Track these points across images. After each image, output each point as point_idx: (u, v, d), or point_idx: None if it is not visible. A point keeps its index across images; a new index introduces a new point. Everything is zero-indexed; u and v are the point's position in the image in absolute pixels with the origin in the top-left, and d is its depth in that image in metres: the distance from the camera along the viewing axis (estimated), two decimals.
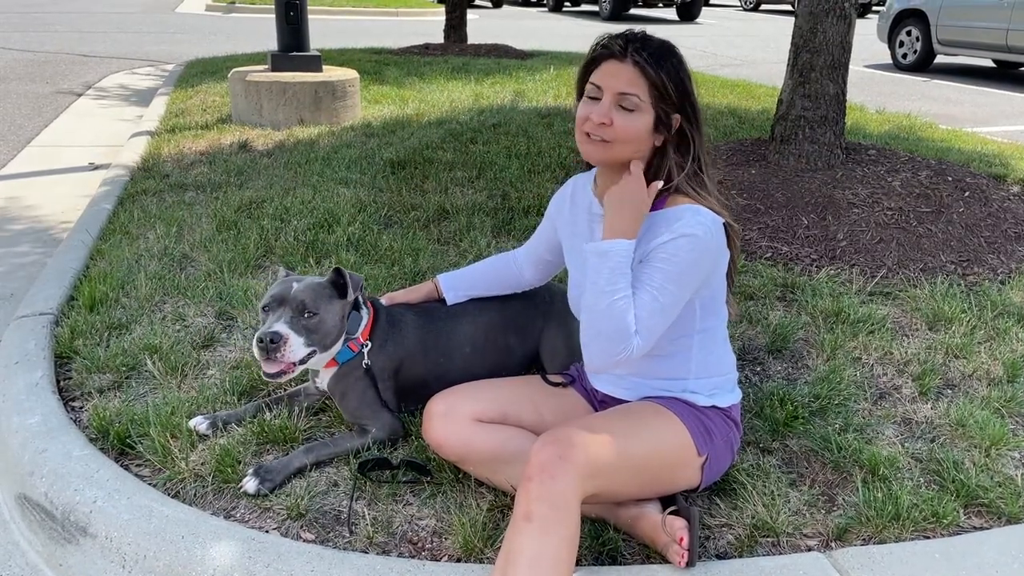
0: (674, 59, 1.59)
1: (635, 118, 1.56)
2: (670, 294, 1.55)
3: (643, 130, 1.57)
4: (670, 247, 1.54)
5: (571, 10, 20.12)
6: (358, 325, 1.99)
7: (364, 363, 1.97)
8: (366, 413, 1.97)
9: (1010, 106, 8.07)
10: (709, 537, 1.71)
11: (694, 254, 1.55)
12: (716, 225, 1.59)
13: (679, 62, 1.59)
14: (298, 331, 1.83)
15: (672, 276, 1.55)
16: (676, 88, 1.57)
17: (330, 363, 1.98)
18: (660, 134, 1.60)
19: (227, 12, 16.60)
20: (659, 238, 1.56)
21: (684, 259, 1.54)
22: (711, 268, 1.61)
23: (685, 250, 1.54)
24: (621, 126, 1.56)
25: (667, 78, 1.55)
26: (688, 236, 1.54)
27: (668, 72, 1.56)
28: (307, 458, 1.87)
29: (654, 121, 1.57)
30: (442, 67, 7.93)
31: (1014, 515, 1.80)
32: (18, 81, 7.81)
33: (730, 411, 1.73)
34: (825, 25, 3.66)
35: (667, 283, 1.55)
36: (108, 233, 3.36)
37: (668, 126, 1.59)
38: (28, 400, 2.09)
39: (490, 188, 3.96)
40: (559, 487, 1.39)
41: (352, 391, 1.98)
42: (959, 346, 2.50)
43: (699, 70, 9.06)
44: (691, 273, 1.56)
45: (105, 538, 1.67)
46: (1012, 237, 3.31)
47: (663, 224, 1.58)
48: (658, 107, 1.56)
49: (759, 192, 3.52)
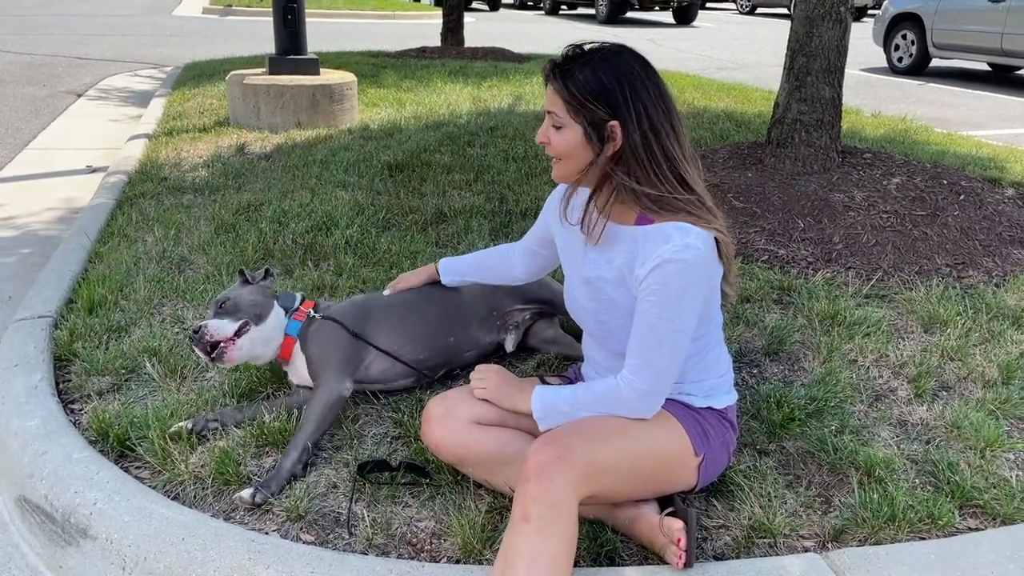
0: (604, 66, 1.52)
1: (564, 133, 1.56)
2: (668, 325, 1.52)
3: (573, 143, 1.55)
4: (658, 276, 1.51)
5: (568, 14, 20.17)
6: (294, 301, 2.19)
7: (315, 315, 2.15)
8: (322, 366, 2.06)
9: (1005, 109, 8.11)
10: (706, 538, 1.72)
11: (684, 280, 1.51)
12: (706, 242, 1.54)
13: (609, 66, 1.52)
14: (218, 317, 2.05)
15: (666, 307, 1.52)
16: (597, 96, 1.51)
17: (287, 341, 2.11)
18: (596, 143, 1.54)
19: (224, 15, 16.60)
20: (646, 263, 1.53)
21: (676, 286, 1.51)
22: (708, 285, 1.58)
23: (674, 277, 1.51)
24: (555, 143, 1.58)
25: (580, 89, 1.51)
26: (675, 262, 1.50)
27: (583, 83, 1.51)
28: (294, 458, 1.88)
29: (583, 133, 1.54)
30: (439, 70, 7.94)
31: (1009, 516, 1.81)
32: (15, 84, 7.81)
33: (726, 412, 1.74)
34: (821, 29, 3.68)
35: (662, 317, 1.52)
36: (106, 236, 3.36)
37: (601, 134, 1.53)
38: (28, 403, 2.10)
39: (488, 191, 3.97)
40: (557, 488, 1.40)
41: (313, 344, 2.10)
42: (954, 348, 2.52)
43: (695, 73, 9.10)
44: (686, 298, 1.52)
45: (105, 540, 1.68)
46: (1007, 240, 3.33)
47: (647, 244, 1.55)
48: (580, 119, 1.53)
49: (756, 195, 3.54)
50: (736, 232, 3.33)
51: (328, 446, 1.99)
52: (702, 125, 5.49)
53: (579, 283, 1.73)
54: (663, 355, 1.54)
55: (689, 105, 6.43)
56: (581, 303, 1.73)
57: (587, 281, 1.69)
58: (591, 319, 1.73)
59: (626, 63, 1.54)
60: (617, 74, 1.52)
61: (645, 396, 1.57)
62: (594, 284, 1.68)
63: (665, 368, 1.56)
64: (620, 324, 1.65)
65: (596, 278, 1.67)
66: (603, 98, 1.51)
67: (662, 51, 12.29)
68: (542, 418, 1.65)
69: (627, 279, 1.60)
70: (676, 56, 11.67)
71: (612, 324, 1.67)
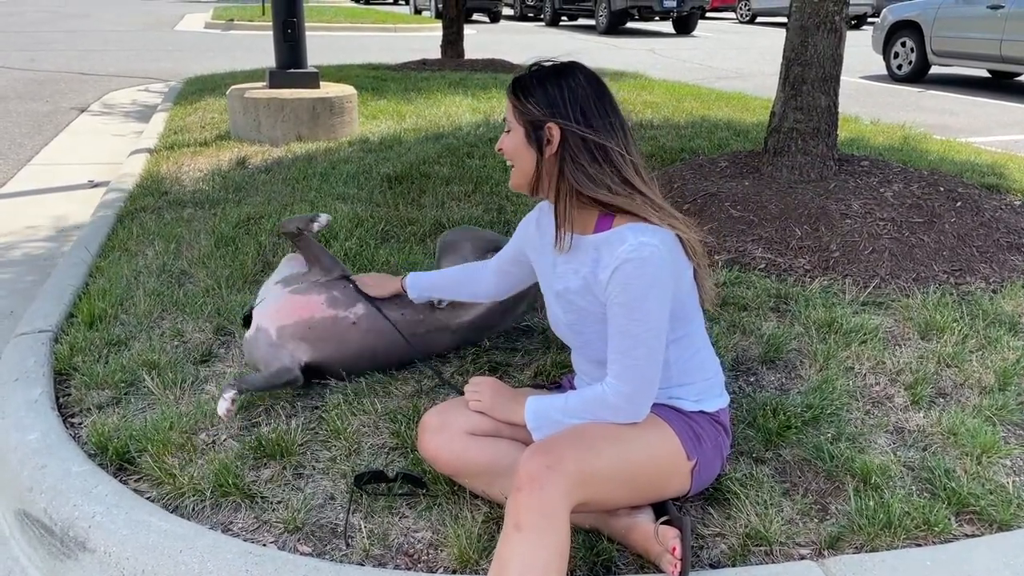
0: (549, 75, 1.62)
1: (511, 136, 1.67)
2: (639, 324, 1.55)
3: (517, 144, 1.65)
4: (620, 277, 1.54)
5: (568, 24, 20.25)
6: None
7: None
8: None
9: (1005, 116, 8.12)
10: (702, 547, 1.73)
11: (645, 278, 1.53)
12: (663, 240, 1.57)
13: (558, 77, 1.62)
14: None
15: (634, 307, 1.54)
16: (538, 98, 1.61)
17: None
18: (535, 143, 1.62)
19: (226, 29, 16.71)
20: (605, 268, 1.57)
21: (638, 285, 1.53)
22: (673, 283, 1.60)
23: (635, 276, 1.53)
24: (505, 145, 1.68)
25: (523, 93, 1.63)
26: (632, 260, 1.53)
27: (526, 88, 1.63)
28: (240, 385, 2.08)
29: (524, 134, 1.63)
30: (439, 82, 7.98)
31: (1005, 522, 1.81)
32: (18, 99, 7.86)
33: (718, 416, 1.75)
34: (816, 39, 3.70)
35: (631, 318, 1.55)
36: (107, 250, 3.39)
37: (538, 135, 1.61)
38: (27, 417, 2.11)
39: (486, 202, 3.99)
40: (548, 496, 1.41)
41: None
42: (951, 355, 2.52)
43: (695, 83, 9.13)
44: (652, 296, 1.54)
45: (104, 553, 1.68)
46: (1004, 247, 3.34)
47: (606, 249, 1.59)
48: (522, 120, 1.63)
49: (753, 204, 3.55)
50: (733, 240, 3.34)
51: (325, 457, 2.00)
52: (700, 134, 5.51)
53: (553, 298, 1.76)
54: (640, 355, 1.56)
55: (688, 114, 6.46)
56: (559, 317, 1.76)
57: (558, 295, 1.73)
58: (568, 331, 1.76)
59: (570, 72, 1.64)
60: (559, 80, 1.62)
61: (630, 399, 1.59)
62: (564, 297, 1.71)
63: (645, 369, 1.58)
64: (595, 332, 1.67)
65: (564, 290, 1.70)
66: (543, 100, 1.61)
67: (662, 61, 12.34)
68: (536, 428, 1.67)
69: (593, 287, 1.63)
70: (676, 66, 11.71)
71: (588, 334, 1.70)
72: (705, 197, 3.70)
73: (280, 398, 2.24)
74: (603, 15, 17.37)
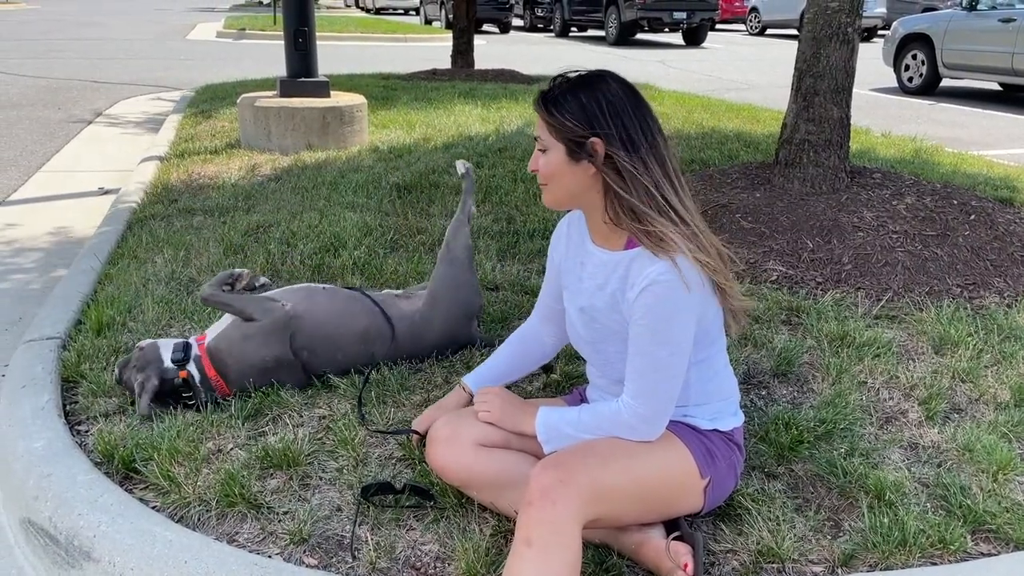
0: (583, 88, 1.56)
1: (549, 156, 1.59)
2: (663, 347, 1.53)
3: (557, 164, 1.58)
4: (647, 298, 1.51)
5: (578, 35, 20.30)
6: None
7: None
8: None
9: (1017, 129, 8.08)
10: (714, 563, 1.70)
11: (672, 301, 1.51)
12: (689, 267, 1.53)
13: (591, 88, 1.56)
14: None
15: (658, 330, 1.52)
16: (576, 114, 1.54)
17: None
18: (580, 162, 1.56)
19: (237, 39, 16.81)
20: (635, 285, 1.54)
21: (665, 308, 1.51)
22: (700, 308, 1.56)
23: (663, 298, 1.51)
24: (542, 166, 1.60)
25: (560, 110, 1.55)
26: (660, 283, 1.50)
27: (563, 105, 1.55)
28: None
29: (566, 151, 1.56)
30: (449, 92, 7.99)
31: (1022, 541, 1.78)
32: (31, 107, 7.91)
33: (732, 434, 1.73)
34: (828, 50, 3.68)
35: (655, 340, 1.52)
36: (116, 257, 3.39)
37: (581, 151, 1.55)
38: (34, 424, 2.10)
39: (496, 212, 3.98)
40: (560, 512, 1.39)
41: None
42: (965, 370, 2.49)
43: (705, 94, 9.12)
44: (678, 320, 1.52)
45: (108, 563, 1.67)
46: (1018, 260, 3.30)
47: (635, 267, 1.56)
48: (561, 138, 1.56)
49: (764, 216, 3.53)
50: (745, 252, 3.31)
51: (332, 468, 1.99)
52: (711, 145, 5.49)
53: (576, 313, 1.74)
54: (661, 378, 1.54)
55: (698, 126, 6.44)
56: (579, 333, 1.74)
57: (582, 311, 1.70)
58: (589, 349, 1.74)
59: (605, 84, 1.57)
60: (595, 94, 1.55)
61: (646, 420, 1.56)
62: (588, 313, 1.68)
63: (664, 391, 1.55)
64: (617, 352, 1.65)
65: (589, 307, 1.68)
66: (582, 115, 1.54)
67: (672, 72, 12.34)
68: (546, 440, 1.64)
69: (620, 304, 1.60)
70: (686, 77, 11.71)
71: (609, 353, 1.68)
72: (716, 209, 3.68)
73: (287, 407, 2.22)
74: (613, 26, 17.40)
